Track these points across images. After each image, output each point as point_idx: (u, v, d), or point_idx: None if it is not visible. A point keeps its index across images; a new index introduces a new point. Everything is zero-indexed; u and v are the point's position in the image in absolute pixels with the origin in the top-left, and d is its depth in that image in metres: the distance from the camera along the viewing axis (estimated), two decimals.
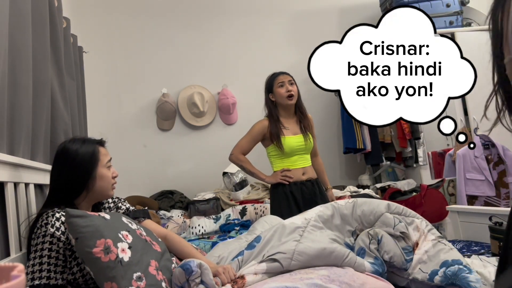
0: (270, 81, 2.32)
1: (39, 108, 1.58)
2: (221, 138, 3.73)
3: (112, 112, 3.66)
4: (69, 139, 1.41)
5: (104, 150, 1.40)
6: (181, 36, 3.82)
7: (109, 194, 1.40)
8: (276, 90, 2.26)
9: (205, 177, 3.61)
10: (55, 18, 1.84)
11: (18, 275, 0.41)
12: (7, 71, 1.28)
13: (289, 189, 2.21)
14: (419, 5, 3.50)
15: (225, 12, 3.91)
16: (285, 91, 2.24)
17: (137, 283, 1.08)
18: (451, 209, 2.26)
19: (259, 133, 2.27)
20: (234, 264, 1.37)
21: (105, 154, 1.39)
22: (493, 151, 2.91)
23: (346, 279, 1.18)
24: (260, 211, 2.94)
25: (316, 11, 3.98)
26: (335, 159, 3.92)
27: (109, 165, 1.39)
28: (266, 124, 2.26)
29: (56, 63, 1.86)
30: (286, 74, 2.30)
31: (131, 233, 1.21)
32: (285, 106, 2.28)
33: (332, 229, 1.46)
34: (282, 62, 3.27)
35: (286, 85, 2.25)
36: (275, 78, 2.29)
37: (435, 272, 1.31)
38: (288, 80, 2.27)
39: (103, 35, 3.66)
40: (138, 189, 3.45)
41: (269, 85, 2.31)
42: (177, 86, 3.76)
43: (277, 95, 2.27)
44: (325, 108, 3.86)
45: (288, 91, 2.24)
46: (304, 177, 2.26)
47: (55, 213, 1.22)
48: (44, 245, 1.17)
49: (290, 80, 2.27)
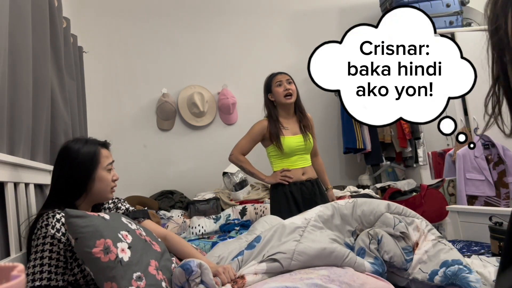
0: (268, 81, 2.32)
1: (39, 108, 1.58)
2: (221, 138, 3.73)
3: (112, 112, 3.66)
4: (72, 139, 1.41)
5: (106, 152, 1.39)
6: (181, 36, 3.82)
7: (108, 197, 1.39)
8: (274, 90, 2.26)
9: (205, 177, 3.61)
10: (55, 18, 1.83)
11: (18, 275, 0.41)
12: (7, 71, 1.27)
13: (289, 189, 2.21)
14: (419, 5, 3.50)
15: (225, 12, 3.91)
16: (283, 90, 2.24)
17: (137, 283, 1.08)
18: (451, 209, 2.26)
19: (259, 133, 2.27)
20: (234, 264, 1.37)
21: (106, 156, 1.37)
22: (493, 151, 2.91)
23: (346, 279, 1.18)
24: (260, 211, 2.94)
25: (316, 11, 3.98)
26: (335, 159, 3.92)
27: (110, 167, 1.37)
28: (266, 125, 2.26)
29: (56, 63, 1.86)
30: (284, 74, 2.30)
31: (131, 233, 1.21)
32: (284, 105, 2.27)
33: (332, 229, 1.46)
34: (282, 62, 3.27)
35: (284, 84, 2.25)
36: (273, 77, 2.29)
37: (435, 272, 1.31)
38: (286, 79, 2.27)
39: (103, 35, 3.66)
40: (138, 189, 3.45)
41: (268, 85, 2.32)
42: (177, 86, 3.76)
43: (275, 94, 2.27)
44: (325, 108, 3.86)
45: (286, 90, 2.24)
46: (304, 177, 2.26)
47: (55, 214, 1.22)
48: (44, 246, 1.17)
49: (288, 79, 2.27)
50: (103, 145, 1.40)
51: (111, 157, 1.40)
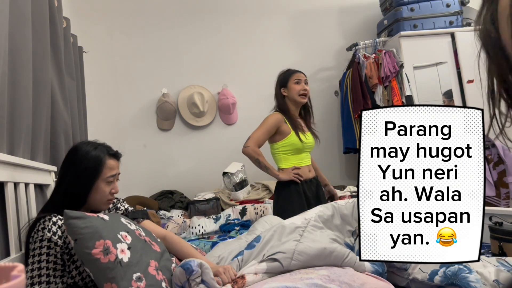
0: (285, 76, 2.32)
1: (39, 108, 1.58)
2: (221, 138, 3.73)
3: (112, 112, 3.66)
4: (85, 140, 1.38)
5: (112, 163, 1.34)
6: (181, 36, 3.82)
7: (101, 208, 1.36)
8: (292, 86, 2.27)
9: (205, 177, 3.61)
10: (55, 18, 1.83)
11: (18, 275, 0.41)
12: (7, 71, 1.27)
13: (302, 188, 2.21)
14: (419, 5, 3.50)
15: (225, 12, 3.91)
16: (301, 88, 2.26)
17: (136, 284, 1.08)
18: None
19: (274, 125, 2.21)
20: (234, 264, 1.38)
21: (111, 167, 1.33)
22: (493, 151, 2.91)
23: (346, 279, 1.18)
24: (260, 211, 2.94)
25: (316, 11, 3.98)
26: (335, 159, 3.93)
27: (111, 180, 1.34)
28: (280, 118, 2.23)
29: (56, 63, 1.86)
30: (303, 74, 2.33)
31: (130, 233, 1.21)
32: (296, 102, 2.29)
33: (332, 229, 1.47)
34: (282, 62, 3.27)
35: (302, 84, 2.28)
36: (292, 74, 2.30)
37: (435, 272, 1.31)
38: (304, 79, 2.30)
39: (103, 35, 3.66)
40: (138, 189, 3.45)
41: (284, 79, 2.31)
42: (177, 86, 3.76)
43: (291, 90, 2.27)
44: (325, 108, 3.86)
45: (304, 90, 2.27)
46: (310, 175, 2.28)
47: (52, 217, 1.22)
48: (41, 249, 1.17)
49: (306, 80, 2.31)
50: (113, 155, 1.36)
51: (117, 168, 1.36)
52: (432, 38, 3.40)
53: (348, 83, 3.55)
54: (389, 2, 3.62)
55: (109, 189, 1.33)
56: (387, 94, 3.51)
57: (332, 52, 3.93)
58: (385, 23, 3.68)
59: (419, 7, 3.50)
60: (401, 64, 3.48)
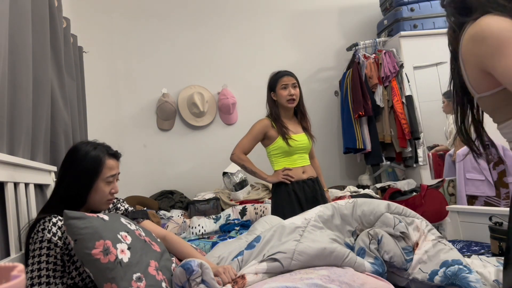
0: (273, 81, 2.30)
1: (39, 108, 1.58)
2: (221, 138, 3.73)
3: (112, 112, 3.66)
4: (85, 140, 1.38)
5: (112, 163, 1.33)
6: (181, 36, 3.82)
7: (101, 208, 1.36)
8: (279, 92, 2.25)
9: (205, 177, 3.62)
10: (55, 18, 1.83)
11: (18, 275, 0.41)
12: (7, 71, 1.27)
13: (292, 188, 2.21)
14: (419, 5, 3.50)
15: (225, 12, 3.91)
16: (287, 94, 2.23)
17: (136, 284, 1.08)
18: (451, 209, 2.26)
19: (260, 132, 2.26)
20: (234, 264, 1.37)
21: (110, 167, 1.33)
22: (493, 151, 2.91)
23: (346, 279, 1.18)
24: (260, 211, 2.94)
25: (316, 11, 3.98)
26: (335, 159, 3.93)
27: (111, 180, 1.33)
28: (267, 123, 2.26)
29: (56, 63, 1.86)
30: (290, 76, 2.27)
31: (130, 233, 1.21)
32: (285, 107, 2.28)
33: (332, 229, 1.46)
34: (282, 62, 3.28)
35: (289, 88, 2.23)
36: (279, 78, 2.26)
37: (435, 272, 1.31)
38: (292, 83, 2.24)
39: (103, 35, 3.66)
40: (138, 189, 3.45)
41: (272, 84, 2.30)
42: (177, 86, 3.76)
43: (278, 96, 2.26)
44: (325, 108, 3.86)
45: (290, 95, 2.23)
46: (304, 176, 2.27)
47: (52, 218, 1.21)
48: (41, 250, 1.16)
49: (294, 83, 2.25)
50: (113, 155, 1.35)
51: (117, 168, 1.35)
52: (432, 38, 3.40)
53: (348, 83, 3.55)
54: (389, 2, 3.62)
55: (109, 189, 1.33)
56: (387, 94, 3.51)
57: (332, 52, 3.93)
58: (385, 23, 3.68)
59: (419, 7, 3.50)
60: (401, 64, 3.49)
